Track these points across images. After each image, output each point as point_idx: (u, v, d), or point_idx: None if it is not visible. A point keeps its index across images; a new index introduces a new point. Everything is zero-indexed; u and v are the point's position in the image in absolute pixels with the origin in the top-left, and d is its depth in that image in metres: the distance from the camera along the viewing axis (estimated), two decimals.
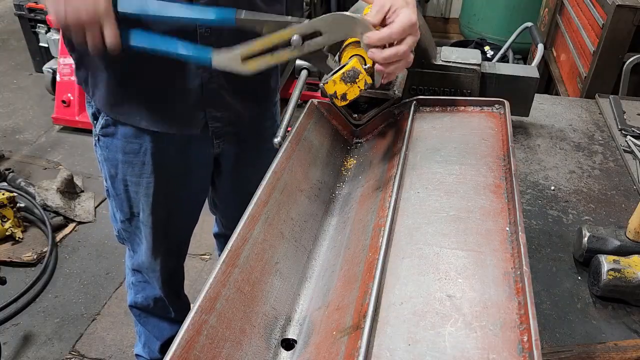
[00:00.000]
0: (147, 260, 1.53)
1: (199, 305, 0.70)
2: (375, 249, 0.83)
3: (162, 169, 1.33)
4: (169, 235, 1.49)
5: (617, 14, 2.14)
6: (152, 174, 1.32)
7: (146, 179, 1.33)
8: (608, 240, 1.12)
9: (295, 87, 1.22)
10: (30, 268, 2.54)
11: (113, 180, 1.36)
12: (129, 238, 1.52)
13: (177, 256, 1.64)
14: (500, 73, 1.44)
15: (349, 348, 0.68)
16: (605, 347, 0.94)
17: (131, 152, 1.29)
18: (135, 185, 1.35)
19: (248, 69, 1.00)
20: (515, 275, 0.74)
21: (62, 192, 2.86)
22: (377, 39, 0.95)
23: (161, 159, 1.31)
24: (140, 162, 1.31)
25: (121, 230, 1.50)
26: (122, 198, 1.39)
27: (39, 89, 3.96)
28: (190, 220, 1.56)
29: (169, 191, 1.38)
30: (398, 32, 0.94)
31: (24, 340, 2.22)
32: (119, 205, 1.42)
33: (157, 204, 1.38)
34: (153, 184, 1.33)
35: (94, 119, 1.31)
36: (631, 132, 1.60)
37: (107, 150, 1.32)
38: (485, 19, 4.36)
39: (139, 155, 1.29)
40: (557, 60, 2.99)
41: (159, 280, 1.60)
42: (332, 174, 1.14)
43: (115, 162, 1.32)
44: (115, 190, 1.38)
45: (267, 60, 1.00)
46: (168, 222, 1.45)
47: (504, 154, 1.01)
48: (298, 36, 0.97)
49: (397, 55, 0.95)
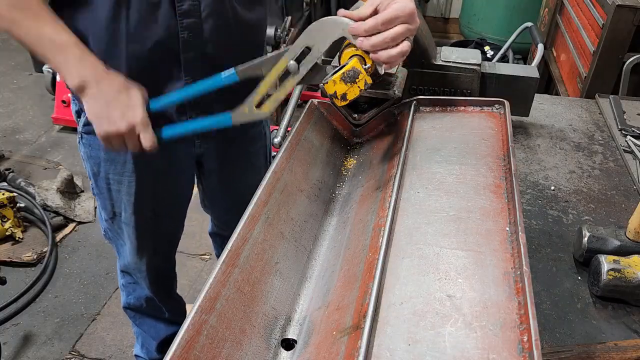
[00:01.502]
0: (133, 261, 1.52)
1: (199, 305, 0.70)
2: (375, 249, 0.83)
3: (144, 168, 1.32)
4: (154, 235, 1.48)
5: (617, 14, 2.14)
6: (133, 173, 1.31)
7: (127, 177, 1.32)
8: (608, 240, 1.12)
9: (295, 87, 1.22)
10: (30, 268, 2.54)
11: (96, 179, 1.36)
12: (114, 238, 1.51)
13: (164, 256, 1.62)
14: (500, 73, 1.44)
15: (349, 348, 0.68)
16: (605, 347, 0.94)
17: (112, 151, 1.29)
18: (117, 184, 1.34)
19: (264, 112, 1.06)
20: (515, 275, 0.74)
21: (62, 192, 2.86)
22: (363, 29, 0.93)
23: (142, 157, 1.28)
24: (122, 161, 1.30)
25: (107, 230, 1.49)
26: (105, 197, 1.38)
27: (39, 89, 3.96)
28: (175, 222, 1.54)
29: (152, 190, 1.37)
30: (384, 19, 0.92)
31: (24, 340, 2.22)
32: (102, 204, 1.41)
33: (140, 203, 1.37)
34: (135, 182, 1.32)
35: (77, 116, 1.31)
36: (631, 132, 1.60)
37: (89, 148, 1.31)
38: (485, 19, 4.36)
39: (120, 153, 1.28)
40: (557, 60, 2.99)
41: (146, 280, 1.58)
42: (332, 174, 1.14)
43: (98, 160, 1.32)
44: (99, 188, 1.37)
45: (276, 97, 1.04)
46: (152, 221, 1.43)
47: (504, 154, 1.01)
48: (292, 61, 0.99)
49: (384, 41, 0.93)
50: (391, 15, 0.92)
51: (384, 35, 0.93)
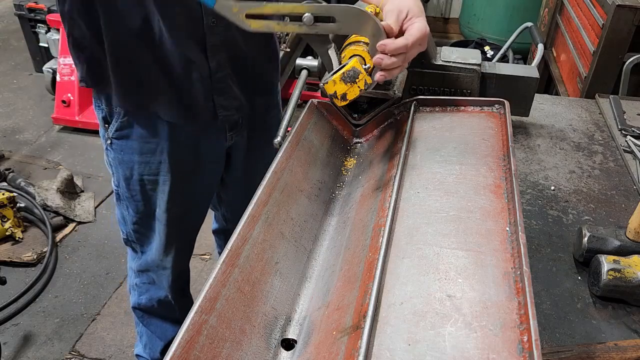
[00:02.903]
0: (159, 258, 1.55)
1: (199, 305, 0.70)
2: (375, 249, 0.83)
3: (178, 166, 1.35)
4: (181, 231, 1.52)
5: (617, 14, 2.14)
6: (168, 172, 1.35)
7: (163, 176, 1.36)
8: (608, 240, 1.12)
9: (295, 87, 1.22)
10: (30, 268, 2.54)
11: (128, 182, 1.38)
12: (139, 239, 1.53)
13: (186, 253, 1.67)
14: (500, 73, 1.44)
15: (349, 348, 0.68)
16: (605, 347, 0.94)
17: (148, 152, 1.32)
18: (152, 184, 1.37)
19: (250, 25, 0.96)
20: (515, 275, 0.74)
21: (62, 192, 2.86)
22: (393, 48, 0.94)
23: (177, 156, 1.34)
24: (157, 162, 1.33)
25: (131, 233, 1.52)
26: (137, 199, 1.41)
27: (39, 89, 3.96)
28: (201, 216, 1.59)
29: (184, 187, 1.40)
30: (413, 45, 0.95)
31: (24, 340, 2.22)
32: (133, 207, 1.44)
33: (173, 200, 1.40)
34: (169, 181, 1.36)
35: (105, 122, 1.32)
36: (631, 132, 1.60)
37: (121, 153, 1.33)
38: (485, 19, 4.36)
39: (156, 154, 1.32)
40: (557, 60, 2.99)
41: (169, 278, 1.61)
42: (332, 174, 1.14)
43: (132, 163, 1.34)
44: (130, 191, 1.40)
45: (271, 25, 0.98)
46: (182, 218, 1.47)
47: (504, 154, 1.01)
48: (311, 15, 0.95)
49: (401, 64, 0.96)
50: (416, 39, 0.95)
51: (403, 57, 0.95)
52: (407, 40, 0.95)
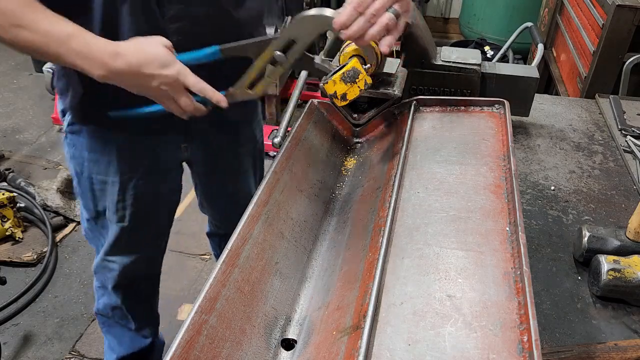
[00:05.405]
0: (106, 259, 1.48)
1: (199, 305, 0.70)
2: (375, 249, 0.83)
3: (128, 169, 1.30)
4: (134, 237, 1.43)
5: (617, 14, 2.14)
6: (117, 173, 1.29)
7: (112, 178, 1.30)
8: (608, 240, 1.12)
9: (295, 87, 1.22)
10: (30, 268, 2.54)
11: (79, 178, 1.34)
12: (94, 238, 1.47)
13: (143, 261, 1.54)
14: (500, 73, 1.44)
15: (349, 348, 0.68)
16: (605, 347, 0.94)
17: (96, 151, 1.27)
18: (101, 184, 1.32)
19: (256, 92, 1.08)
20: (515, 275, 0.74)
21: (62, 192, 2.85)
22: (342, 21, 0.91)
23: (127, 158, 1.28)
24: (106, 161, 1.28)
25: (87, 229, 1.46)
26: (87, 196, 1.36)
27: (39, 89, 3.95)
28: (158, 225, 1.50)
29: (135, 192, 1.34)
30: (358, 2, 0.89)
31: (24, 340, 2.22)
32: (85, 204, 1.39)
33: (122, 204, 1.34)
34: (118, 183, 1.31)
35: (62, 115, 1.29)
36: (631, 132, 1.60)
37: (73, 148, 1.30)
38: (485, 19, 4.36)
39: (104, 154, 1.27)
40: (557, 60, 2.99)
41: (114, 280, 1.52)
42: (332, 174, 1.14)
43: (81, 159, 1.30)
44: (82, 188, 1.35)
45: (266, 81, 1.06)
46: (135, 221, 1.39)
47: (504, 154, 1.01)
48: (278, 52, 1.01)
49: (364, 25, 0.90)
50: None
51: (362, 19, 0.90)
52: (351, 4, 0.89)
